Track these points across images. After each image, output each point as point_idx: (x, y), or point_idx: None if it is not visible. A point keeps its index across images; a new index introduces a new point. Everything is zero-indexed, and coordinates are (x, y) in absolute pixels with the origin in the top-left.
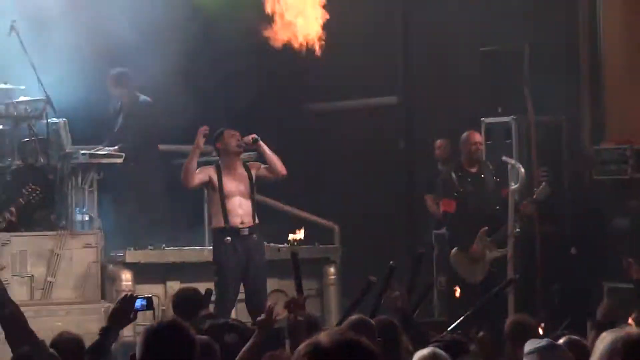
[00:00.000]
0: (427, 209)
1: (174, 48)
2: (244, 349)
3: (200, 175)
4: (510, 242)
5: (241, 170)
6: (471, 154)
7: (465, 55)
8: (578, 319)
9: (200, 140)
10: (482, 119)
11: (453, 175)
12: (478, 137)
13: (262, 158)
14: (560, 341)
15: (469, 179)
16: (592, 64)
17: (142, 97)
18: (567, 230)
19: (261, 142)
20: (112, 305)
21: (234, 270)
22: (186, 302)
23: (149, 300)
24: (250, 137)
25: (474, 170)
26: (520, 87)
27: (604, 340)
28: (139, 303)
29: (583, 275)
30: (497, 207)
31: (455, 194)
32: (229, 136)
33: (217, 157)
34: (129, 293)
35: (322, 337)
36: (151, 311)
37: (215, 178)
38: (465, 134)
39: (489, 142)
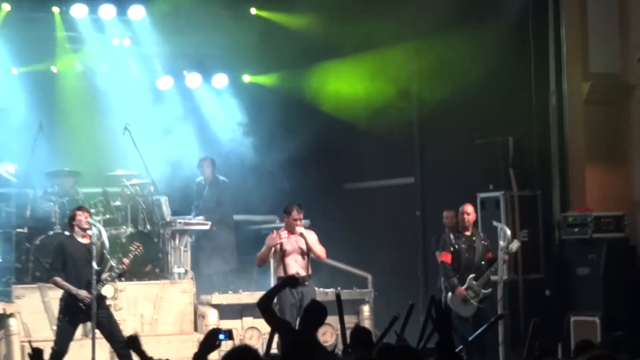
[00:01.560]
0: (437, 261)
1: (247, 141)
2: None
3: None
4: (500, 287)
5: (299, 233)
6: (462, 221)
7: (465, 146)
8: (551, 344)
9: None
10: (478, 194)
11: (451, 235)
12: (468, 209)
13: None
14: None
15: (463, 239)
16: (560, 150)
17: (221, 177)
18: (542, 277)
19: (306, 236)
20: (202, 336)
21: (290, 308)
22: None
23: (230, 332)
24: (299, 232)
25: (467, 233)
26: (507, 170)
27: None
28: (222, 334)
29: (555, 310)
30: (483, 262)
31: (452, 249)
32: (294, 218)
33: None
34: (215, 327)
35: None
36: (232, 341)
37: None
38: (461, 207)
39: (483, 211)
